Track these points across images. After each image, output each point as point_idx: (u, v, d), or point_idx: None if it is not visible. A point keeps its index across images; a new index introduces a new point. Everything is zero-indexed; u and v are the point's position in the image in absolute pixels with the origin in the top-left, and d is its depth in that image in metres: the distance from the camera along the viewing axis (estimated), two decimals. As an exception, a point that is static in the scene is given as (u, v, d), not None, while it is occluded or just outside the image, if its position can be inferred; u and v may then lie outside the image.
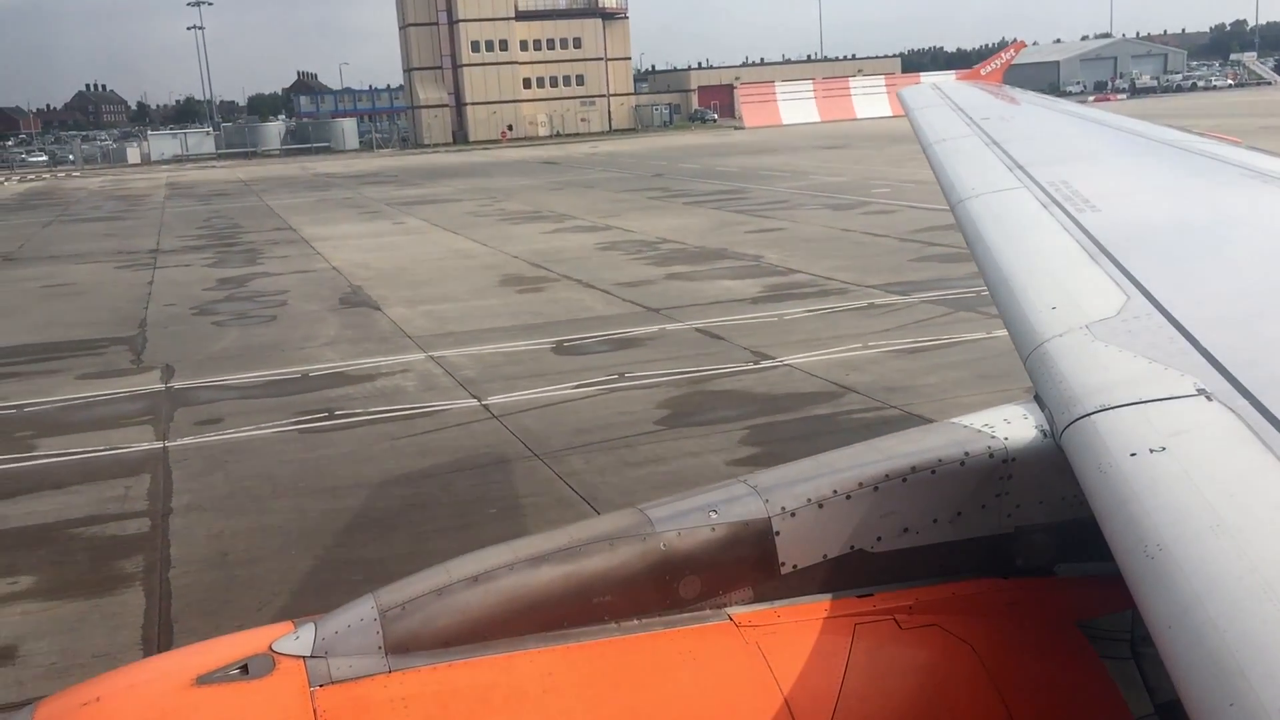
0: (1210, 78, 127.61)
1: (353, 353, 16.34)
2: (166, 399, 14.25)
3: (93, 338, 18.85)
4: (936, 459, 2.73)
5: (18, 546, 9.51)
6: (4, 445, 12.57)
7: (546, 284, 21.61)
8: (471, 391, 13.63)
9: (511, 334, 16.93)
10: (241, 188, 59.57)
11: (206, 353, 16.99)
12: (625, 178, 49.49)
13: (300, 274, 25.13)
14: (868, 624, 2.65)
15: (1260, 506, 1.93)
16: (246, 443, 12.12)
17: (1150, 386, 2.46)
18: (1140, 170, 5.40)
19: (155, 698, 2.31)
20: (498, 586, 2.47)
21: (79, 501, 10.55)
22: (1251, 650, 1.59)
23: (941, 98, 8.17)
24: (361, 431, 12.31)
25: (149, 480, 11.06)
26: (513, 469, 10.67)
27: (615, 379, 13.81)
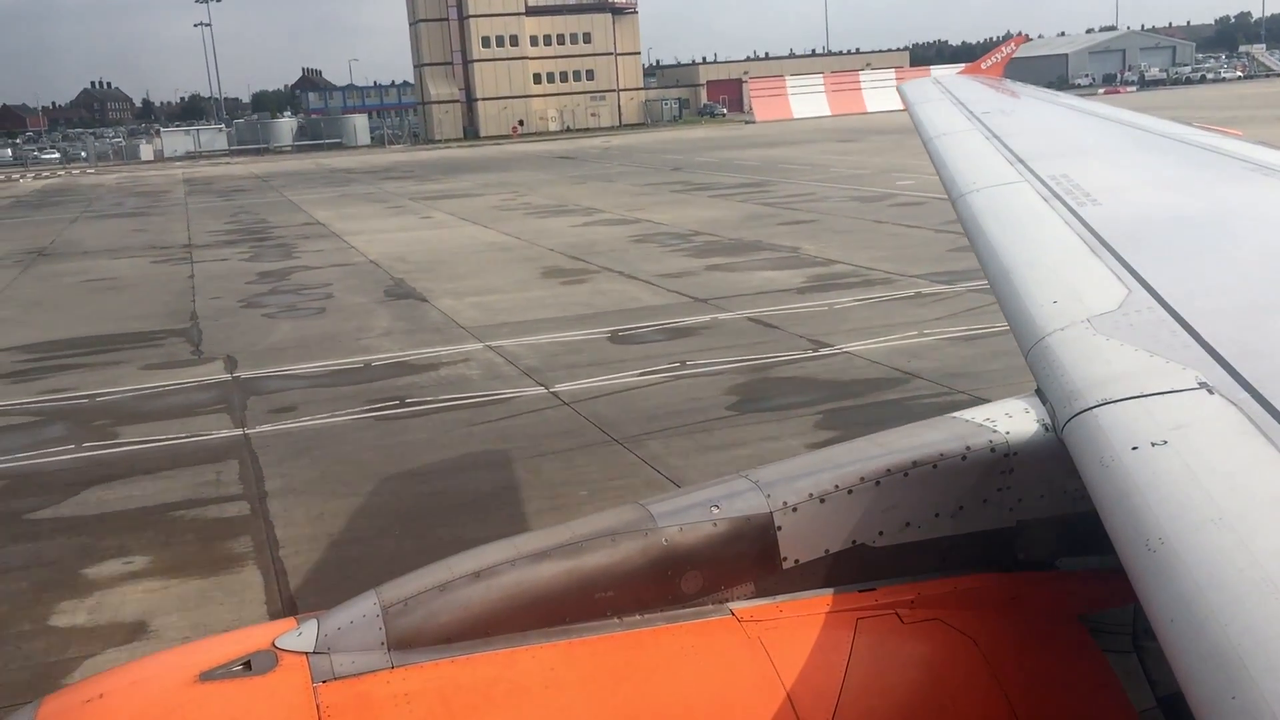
0: (1219, 70, 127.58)
1: (410, 343, 16.60)
2: (236, 388, 14.52)
3: (147, 330, 19.12)
4: (938, 453, 2.74)
5: (124, 529, 9.78)
6: (87, 433, 12.85)
7: (588, 275, 21.85)
8: (537, 380, 13.88)
9: (564, 324, 17.19)
10: (259, 183, 59.84)
11: (264, 344, 17.26)
12: (644, 171, 49.71)
13: (339, 267, 25.39)
14: (870, 618, 2.66)
15: (1262, 499, 1.92)
16: (325, 429, 12.39)
17: (1152, 380, 2.46)
18: (1141, 164, 5.40)
19: (159, 694, 2.33)
20: (500, 582, 2.48)
21: (174, 486, 10.82)
22: (1253, 643, 1.58)
23: (942, 92, 8.19)
24: (436, 419, 12.57)
25: (238, 465, 11.33)
26: (595, 453, 10.93)
27: (677, 366, 14.06)
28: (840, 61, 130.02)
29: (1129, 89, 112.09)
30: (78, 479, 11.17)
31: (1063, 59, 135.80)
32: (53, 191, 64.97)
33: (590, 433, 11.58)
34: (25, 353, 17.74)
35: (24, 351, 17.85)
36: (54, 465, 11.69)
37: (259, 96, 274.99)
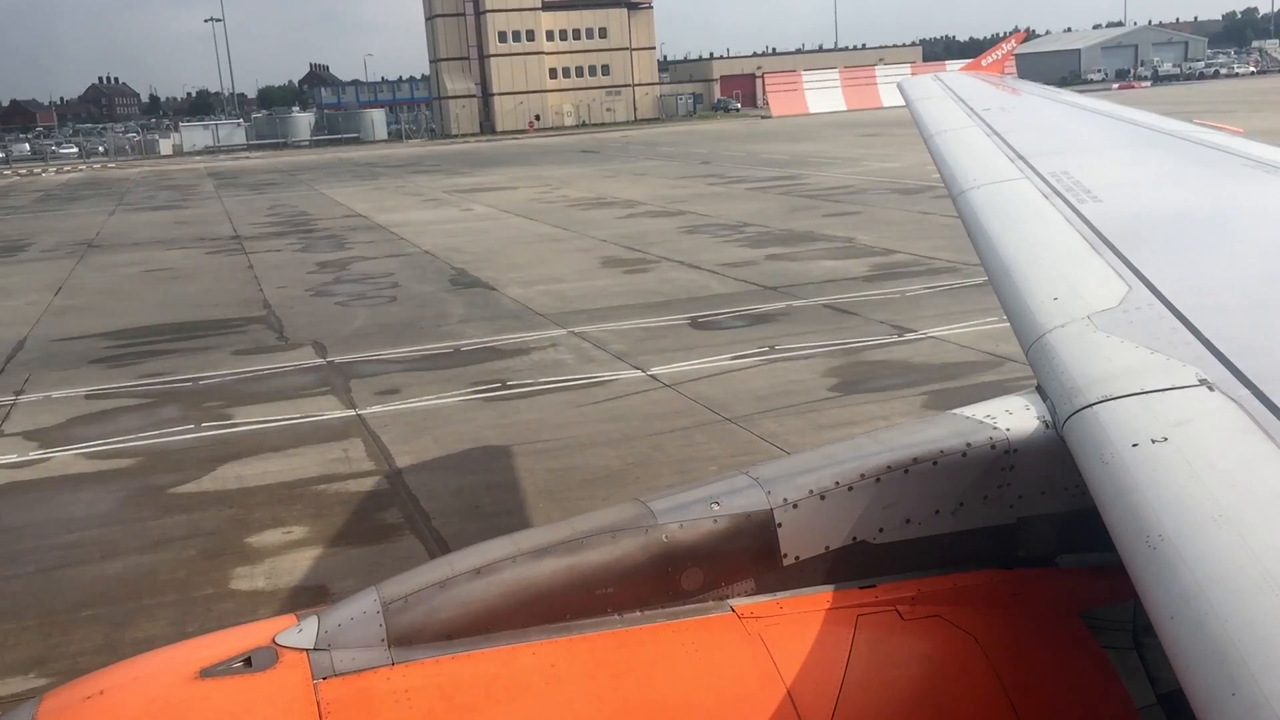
0: (1232, 65, 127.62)
1: (493, 329, 16.96)
2: (334, 372, 14.90)
3: (225, 318, 19.50)
4: (939, 450, 2.74)
5: (271, 502, 10.16)
6: (201, 414, 13.22)
7: (649, 265, 22.20)
8: (630, 363, 14.24)
9: (639, 311, 17.54)
10: (286, 177, 60.17)
11: (347, 330, 17.63)
12: (672, 165, 50.01)
13: (395, 258, 25.75)
14: (870, 615, 2.67)
15: (1262, 496, 1.93)
16: (436, 410, 12.76)
17: (1152, 377, 2.47)
18: (1142, 160, 5.40)
19: (159, 690, 2.33)
20: (500, 579, 2.49)
21: (305, 463, 11.19)
22: (1254, 640, 1.59)
23: (942, 89, 8.21)
24: (543, 400, 12.94)
25: (362, 444, 11.70)
26: (712, 431, 11.29)
27: (766, 350, 14.42)
28: (851, 57, 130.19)
29: (1143, 84, 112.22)
30: (209, 456, 11.55)
31: (1075, 54, 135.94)
32: (78, 185, 65.35)
33: (700, 413, 11.95)
34: (111, 339, 18.12)
35: (110, 338, 18.23)
36: (181, 444, 12.07)
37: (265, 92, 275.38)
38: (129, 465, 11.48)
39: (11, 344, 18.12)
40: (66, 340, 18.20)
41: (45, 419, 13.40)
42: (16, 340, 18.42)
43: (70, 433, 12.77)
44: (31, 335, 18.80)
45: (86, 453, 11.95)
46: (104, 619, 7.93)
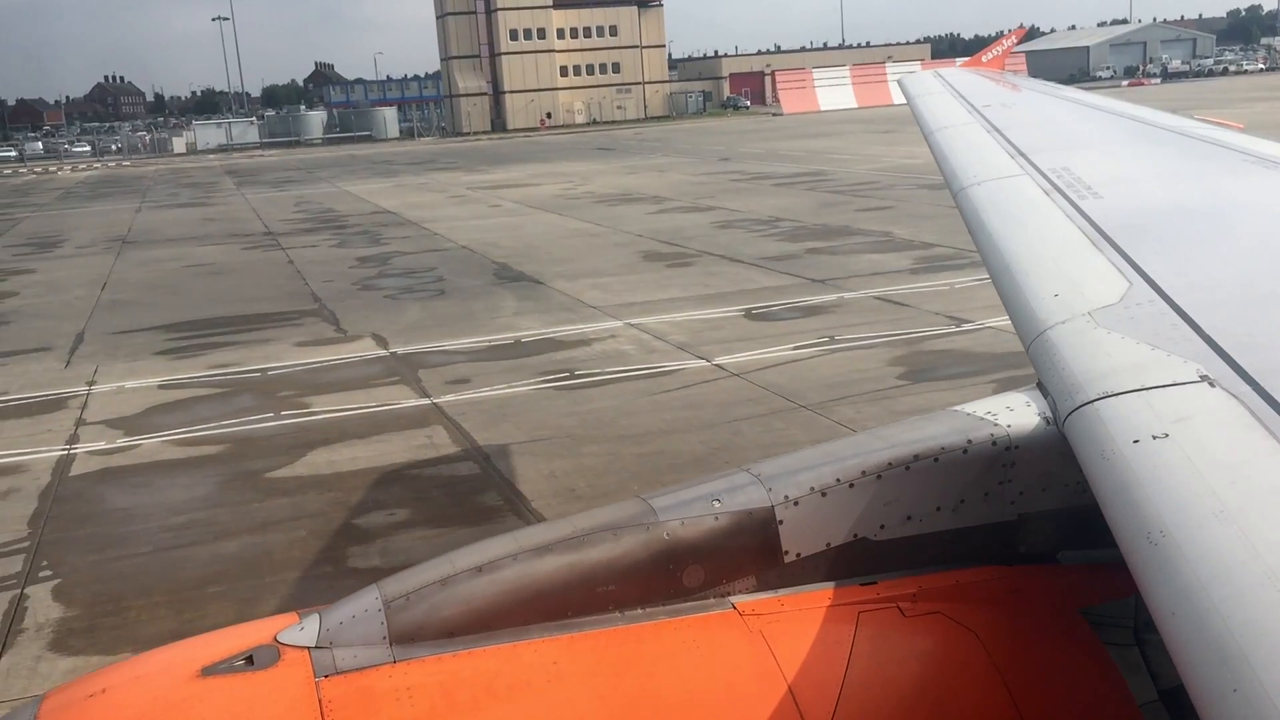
0: (1241, 62, 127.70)
1: (549, 321, 17.21)
2: (401, 363, 15.15)
3: (277, 311, 19.76)
4: (939, 447, 2.75)
5: (368, 486, 10.42)
6: (277, 403, 13.48)
7: (690, 259, 22.45)
8: (693, 353, 14.49)
9: (691, 304, 17.79)
10: (304, 174, 60.43)
11: (402, 323, 17.89)
12: (692, 161, 50.24)
13: (433, 253, 26.00)
14: (871, 612, 2.67)
15: (1263, 492, 1.93)
16: (510, 399, 13.01)
17: (1153, 373, 2.47)
18: (1142, 156, 5.42)
19: (161, 689, 2.34)
20: (502, 576, 2.50)
21: (392, 449, 11.45)
22: (1255, 636, 1.60)
23: (943, 85, 8.23)
24: (614, 388, 13.19)
25: (443, 430, 11.96)
26: (789, 418, 11.55)
27: (826, 340, 14.67)
28: (859, 55, 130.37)
29: (1152, 81, 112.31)
30: (295, 443, 11.81)
31: (1083, 52, 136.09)
32: (98, 182, 65.64)
33: (774, 400, 12.20)
34: (169, 332, 18.39)
35: (167, 331, 18.50)
36: (264, 431, 12.33)
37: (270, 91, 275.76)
38: (218, 451, 11.73)
39: (71, 336, 18.40)
40: (124, 333, 18.46)
41: (124, 408, 13.66)
42: (75, 333, 18.70)
43: (152, 421, 13.03)
44: (88, 328, 19.08)
45: (173, 440, 12.21)
46: (231, 595, 8.19)
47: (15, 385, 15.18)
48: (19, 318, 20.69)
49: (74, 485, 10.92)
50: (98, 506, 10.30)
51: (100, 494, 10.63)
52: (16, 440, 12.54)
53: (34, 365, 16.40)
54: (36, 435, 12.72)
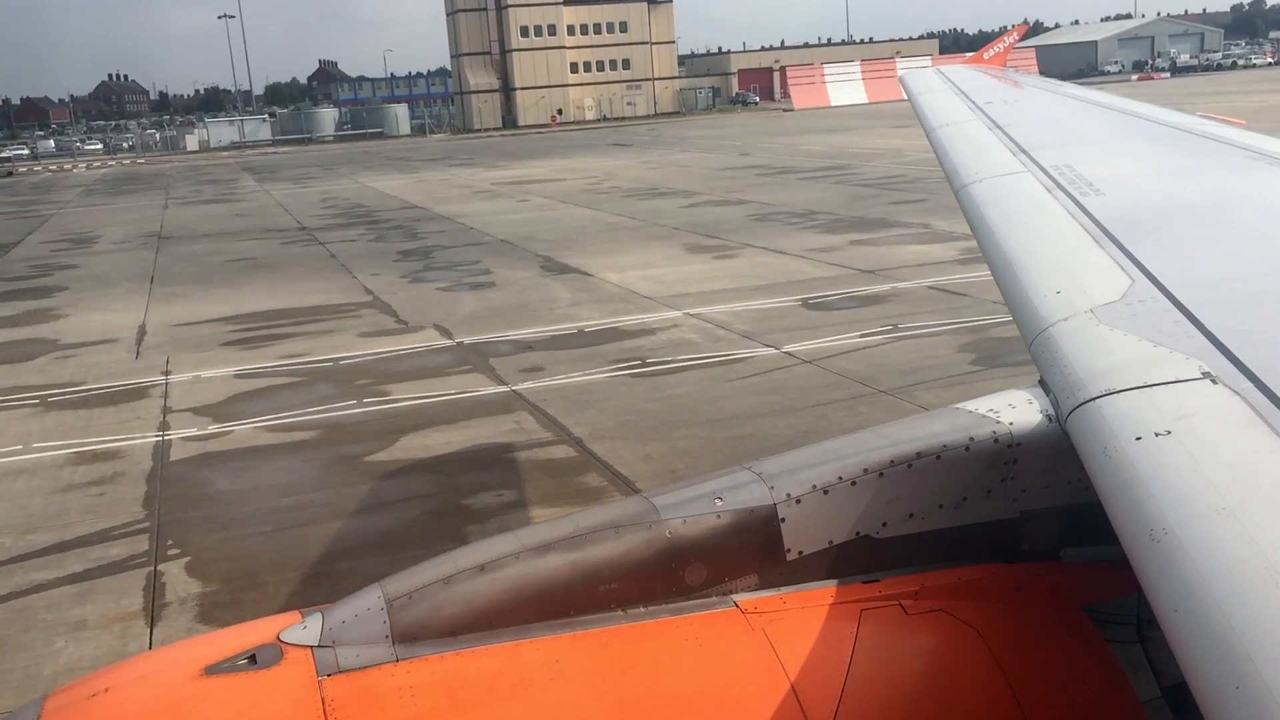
0: (1249, 55, 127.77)
1: (607, 311, 17.47)
2: (471, 352, 15.41)
3: (333, 303, 20.01)
4: (942, 444, 2.76)
5: (469, 469, 10.68)
6: (356, 391, 13.74)
7: (734, 251, 22.69)
8: (761, 342, 14.75)
9: (745, 294, 18.04)
10: (323, 171, 60.68)
11: (461, 314, 18.14)
12: (712, 157, 50.46)
13: (474, 246, 26.24)
14: (874, 610, 2.67)
15: (1265, 489, 1.93)
16: (588, 386, 13.27)
17: (1155, 370, 2.48)
18: (1144, 153, 5.39)
19: (164, 688, 2.34)
20: (504, 575, 2.51)
21: (483, 433, 11.71)
22: (1257, 633, 1.59)
23: (944, 82, 8.19)
24: (690, 375, 13.45)
25: (530, 416, 12.21)
26: (872, 402, 11.80)
27: (891, 329, 14.92)
28: (867, 50, 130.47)
29: (1162, 75, 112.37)
30: (385, 428, 12.08)
31: (1091, 46, 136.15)
32: (116, 180, 65.92)
33: (852, 386, 12.45)
34: (230, 324, 18.65)
35: (227, 323, 18.76)
36: (351, 418, 12.60)
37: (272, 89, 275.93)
38: (311, 437, 12.00)
39: (134, 329, 18.68)
40: (185, 325, 18.73)
41: (206, 396, 13.93)
42: (136, 326, 18.98)
43: (237, 408, 13.30)
44: (148, 321, 19.34)
45: (263, 426, 12.48)
46: (361, 571, 8.44)
47: (91, 375, 15.45)
48: (75, 310, 20.97)
49: (177, 469, 11.19)
50: (207, 489, 10.56)
51: (205, 477, 10.90)
52: (109, 427, 12.82)
53: (104, 356, 16.68)
54: (127, 422, 12.99)
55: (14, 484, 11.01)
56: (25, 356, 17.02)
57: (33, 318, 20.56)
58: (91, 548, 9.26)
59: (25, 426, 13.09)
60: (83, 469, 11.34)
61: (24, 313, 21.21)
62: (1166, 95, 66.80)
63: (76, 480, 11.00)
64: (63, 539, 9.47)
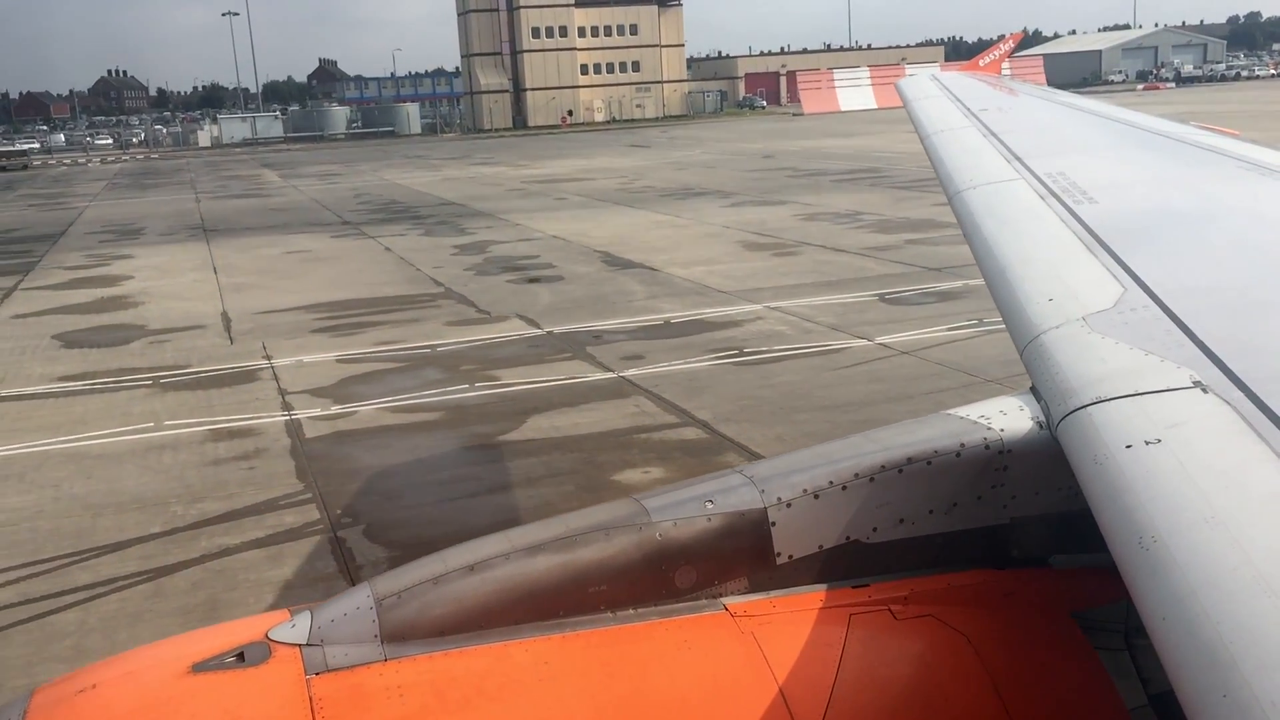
0: (1252, 67, 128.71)
1: (686, 304, 17.86)
2: (563, 340, 15.79)
3: (407, 294, 20.38)
4: (933, 450, 2.75)
5: (605, 448, 11.07)
6: (463, 376, 14.11)
7: (792, 249, 23.11)
8: (852, 333, 15.16)
9: (817, 290, 18.45)
10: (344, 168, 60.93)
11: (541, 305, 18.52)
12: (737, 160, 50.86)
13: (526, 242, 26.61)
14: (863, 614, 2.68)
15: (1254, 499, 1.94)
16: (694, 373, 13.67)
17: (1146, 379, 2.48)
18: (1137, 162, 5.40)
19: (152, 685, 2.34)
20: (494, 575, 2.51)
21: (607, 416, 12.10)
22: (1245, 642, 1.60)
23: (940, 89, 8.22)
24: (791, 364, 13.86)
25: (648, 400, 12.60)
26: (984, 390, 12.19)
27: (977, 323, 15.32)
28: (872, 56, 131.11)
29: (1167, 85, 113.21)
30: (508, 410, 12.46)
31: (1095, 55, 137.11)
32: (135, 174, 66.12)
33: (957, 375, 12.87)
34: (312, 313, 19.01)
35: (310, 311, 19.12)
36: (471, 400, 12.98)
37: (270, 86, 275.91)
38: (437, 418, 12.38)
39: (216, 316, 19.04)
40: (268, 313, 19.08)
41: (316, 379, 14.30)
42: (218, 313, 19.34)
43: (352, 390, 13.67)
44: (228, 310, 19.69)
45: (385, 407, 12.85)
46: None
47: (195, 359, 15.82)
48: (150, 299, 21.30)
49: (316, 446, 11.56)
50: (354, 464, 10.94)
51: (348, 453, 11.27)
52: (232, 407, 13.18)
53: (198, 341, 17.04)
54: (247, 403, 13.36)
55: (161, 458, 11.38)
56: (120, 341, 17.38)
57: (110, 305, 20.91)
58: (263, 516, 9.63)
59: (149, 405, 13.45)
60: (223, 445, 11.71)
61: (98, 300, 21.55)
62: (1181, 107, 67.21)
63: (221, 455, 11.37)
64: (232, 508, 9.85)
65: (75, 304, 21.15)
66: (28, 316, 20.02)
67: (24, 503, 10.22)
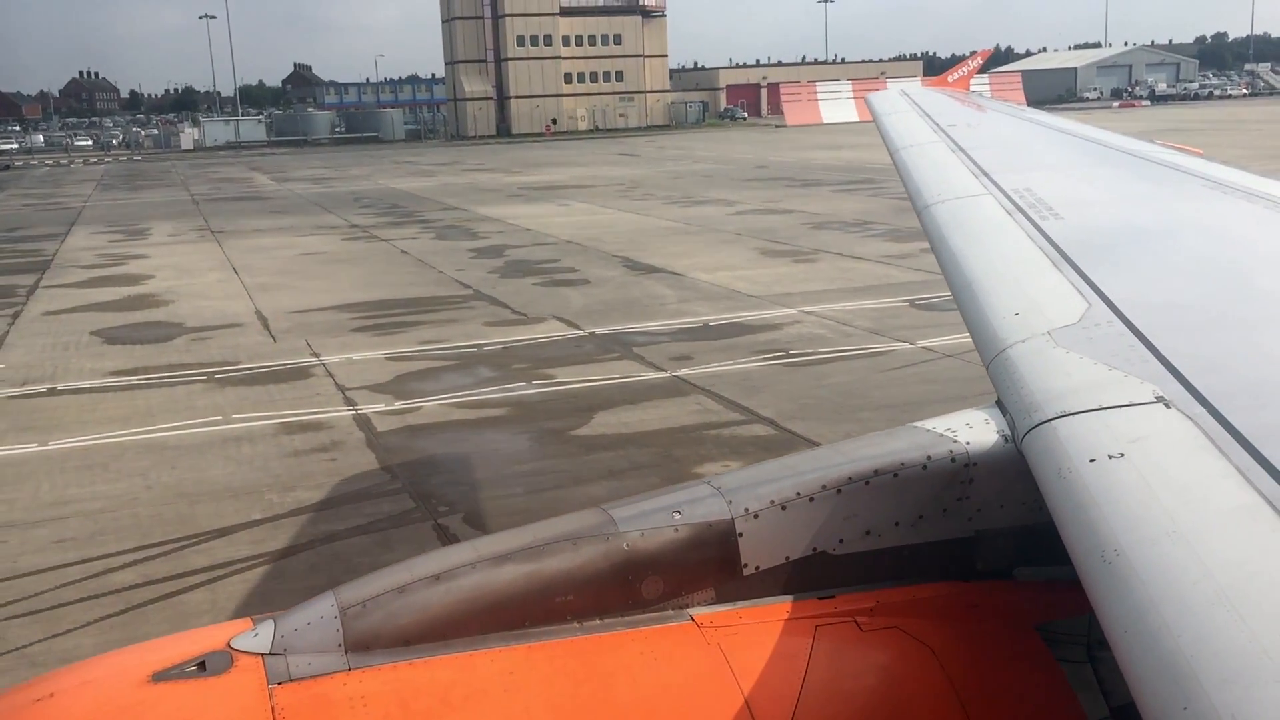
0: (1225, 87, 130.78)
1: (720, 308, 18.18)
2: (610, 341, 16.08)
3: (436, 295, 20.61)
4: (899, 462, 2.78)
5: (679, 442, 11.36)
6: (516, 374, 14.37)
7: (809, 255, 23.51)
8: (892, 337, 15.53)
9: (847, 295, 18.82)
10: (336, 173, 60.87)
11: (573, 307, 18.80)
12: (731, 169, 51.29)
13: (542, 246, 26.86)
14: (829, 626, 2.69)
15: (1215, 513, 1.97)
16: (747, 374, 13.98)
17: (1110, 393, 2.51)
18: (1103, 179, 5.48)
19: (110, 694, 2.31)
20: (460, 585, 2.50)
21: (672, 413, 12.39)
22: (1205, 654, 1.61)
23: (909, 104, 8.28)
24: (840, 366, 14.20)
25: (706, 398, 12.90)
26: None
27: (1012, 329, 15.73)
28: (850, 70, 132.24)
29: (1143, 103, 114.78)
30: (572, 407, 12.73)
31: (1071, 73, 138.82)
32: (122, 175, 65.79)
33: (1005, 377, 13.23)
34: (347, 312, 19.20)
35: (344, 311, 19.31)
36: (532, 397, 13.24)
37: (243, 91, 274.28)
38: (503, 414, 12.63)
39: (251, 315, 19.21)
40: (302, 313, 19.25)
41: (371, 376, 14.51)
42: (251, 312, 19.49)
43: (410, 387, 13.90)
44: (261, 309, 19.84)
45: (448, 404, 13.09)
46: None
47: (243, 355, 15.99)
48: (179, 297, 21.41)
49: (391, 439, 11.78)
50: (433, 456, 11.18)
51: (423, 446, 11.51)
52: (295, 401, 13.39)
53: (241, 339, 17.20)
54: (308, 397, 13.56)
55: (240, 449, 11.58)
56: (162, 338, 17.52)
57: (139, 303, 21.01)
58: (359, 504, 9.86)
59: (210, 399, 13.63)
60: (298, 437, 11.91)
61: (126, 298, 21.64)
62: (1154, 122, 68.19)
63: (299, 447, 11.58)
64: (325, 497, 10.07)
65: (104, 302, 21.23)
66: (59, 314, 20.10)
67: (117, 490, 10.40)
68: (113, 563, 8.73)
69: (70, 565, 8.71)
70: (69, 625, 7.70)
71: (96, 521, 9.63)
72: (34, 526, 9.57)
